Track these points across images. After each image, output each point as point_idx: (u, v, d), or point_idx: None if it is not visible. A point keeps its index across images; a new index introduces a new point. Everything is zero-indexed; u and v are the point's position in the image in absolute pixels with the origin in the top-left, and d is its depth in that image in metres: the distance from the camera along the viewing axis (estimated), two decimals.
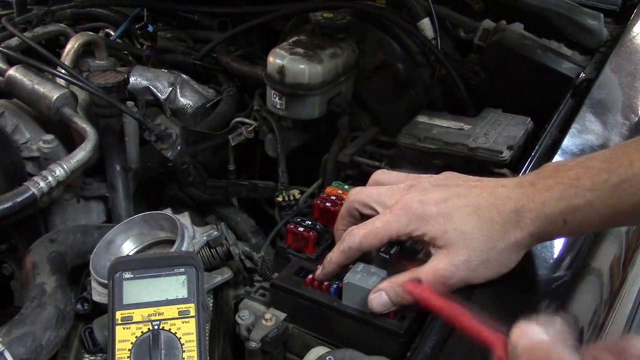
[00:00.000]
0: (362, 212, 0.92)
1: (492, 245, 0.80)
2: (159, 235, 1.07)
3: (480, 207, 0.81)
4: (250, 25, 1.71)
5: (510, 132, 1.31)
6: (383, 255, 0.99)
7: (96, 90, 1.24)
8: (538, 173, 0.83)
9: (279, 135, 1.46)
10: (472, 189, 0.84)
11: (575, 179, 0.78)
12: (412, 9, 1.58)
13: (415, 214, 0.84)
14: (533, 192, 0.79)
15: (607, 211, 0.76)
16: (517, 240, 0.80)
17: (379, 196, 0.90)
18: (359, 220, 0.92)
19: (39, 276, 1.03)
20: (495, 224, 0.80)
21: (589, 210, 0.77)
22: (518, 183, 0.82)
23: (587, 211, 0.77)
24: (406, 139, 1.31)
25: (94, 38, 1.49)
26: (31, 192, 1.13)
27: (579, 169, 0.79)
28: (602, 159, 0.79)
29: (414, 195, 0.85)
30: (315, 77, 1.38)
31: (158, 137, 1.30)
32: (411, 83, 1.56)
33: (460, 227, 0.81)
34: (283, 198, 1.43)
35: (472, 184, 0.86)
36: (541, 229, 0.80)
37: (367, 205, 0.91)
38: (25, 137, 1.28)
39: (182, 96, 1.61)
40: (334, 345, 0.94)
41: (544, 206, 0.78)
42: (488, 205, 0.81)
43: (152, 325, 0.75)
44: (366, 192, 0.92)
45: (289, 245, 1.06)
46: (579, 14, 1.61)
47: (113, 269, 0.79)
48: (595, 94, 1.36)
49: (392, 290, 0.84)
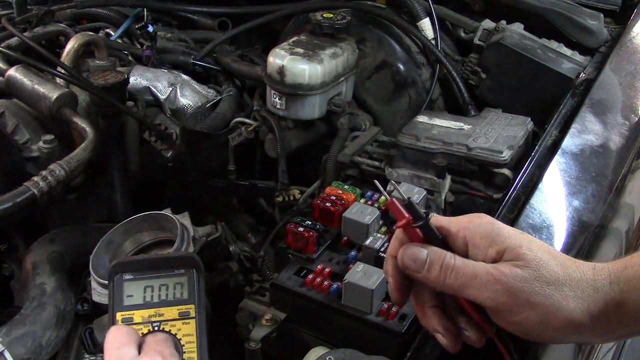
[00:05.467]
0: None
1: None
2: (159, 235, 1.07)
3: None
4: (250, 25, 1.71)
5: (510, 132, 1.31)
6: (383, 256, 0.99)
7: (96, 90, 1.24)
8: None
9: (279, 135, 1.46)
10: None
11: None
12: (412, 9, 1.58)
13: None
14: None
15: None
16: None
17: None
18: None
19: (39, 276, 1.03)
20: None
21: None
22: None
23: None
24: (406, 139, 1.31)
25: (94, 38, 1.49)
26: (31, 192, 1.13)
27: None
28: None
29: None
30: (315, 77, 1.38)
31: (158, 137, 1.30)
32: (411, 83, 1.57)
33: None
34: (283, 198, 1.43)
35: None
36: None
37: None
38: (25, 137, 1.28)
39: (182, 96, 1.60)
40: (334, 345, 0.94)
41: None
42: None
43: (153, 326, 0.75)
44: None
45: (289, 245, 1.06)
46: (579, 14, 1.61)
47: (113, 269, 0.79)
48: (595, 94, 1.36)
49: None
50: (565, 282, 0.72)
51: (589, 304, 0.72)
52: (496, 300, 0.72)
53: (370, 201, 1.14)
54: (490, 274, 0.72)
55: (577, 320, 0.72)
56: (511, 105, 1.46)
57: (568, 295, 0.72)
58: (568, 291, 0.72)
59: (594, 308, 0.72)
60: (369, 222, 1.05)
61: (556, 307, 0.71)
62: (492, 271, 0.72)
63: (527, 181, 1.13)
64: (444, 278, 0.74)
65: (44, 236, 1.13)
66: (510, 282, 0.71)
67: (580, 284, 0.73)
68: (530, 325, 0.72)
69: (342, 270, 1.00)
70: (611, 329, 0.73)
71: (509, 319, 0.73)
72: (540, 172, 1.14)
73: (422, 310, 0.79)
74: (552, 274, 0.72)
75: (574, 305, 0.72)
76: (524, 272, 0.72)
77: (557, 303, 0.71)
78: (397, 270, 0.78)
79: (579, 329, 0.72)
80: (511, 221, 1.02)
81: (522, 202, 1.07)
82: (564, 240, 1.00)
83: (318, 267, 1.01)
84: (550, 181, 1.12)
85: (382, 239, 1.02)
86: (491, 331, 0.76)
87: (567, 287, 0.72)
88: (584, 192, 1.10)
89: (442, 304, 0.78)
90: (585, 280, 0.73)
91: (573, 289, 0.72)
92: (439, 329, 0.77)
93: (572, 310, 0.71)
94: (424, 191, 1.15)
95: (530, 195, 1.07)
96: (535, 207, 1.05)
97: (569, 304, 0.71)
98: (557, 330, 0.72)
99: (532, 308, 0.71)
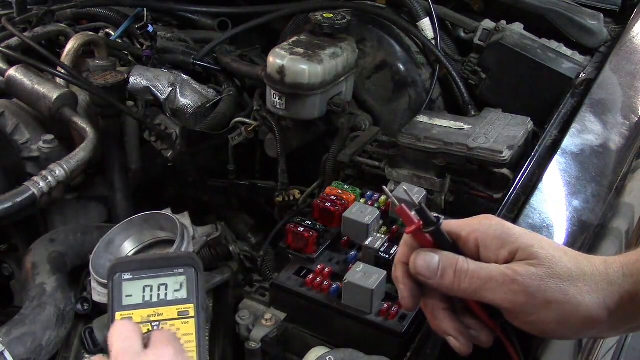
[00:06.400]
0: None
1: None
2: (159, 235, 1.07)
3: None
4: (250, 25, 1.71)
5: (510, 132, 1.31)
6: (383, 255, 0.99)
7: (96, 90, 1.24)
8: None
9: (279, 135, 1.46)
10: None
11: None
12: (412, 9, 1.58)
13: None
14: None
15: None
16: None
17: None
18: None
19: (39, 276, 1.03)
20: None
21: None
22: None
23: None
24: (406, 139, 1.31)
25: (94, 38, 1.49)
26: (31, 192, 1.13)
27: None
28: None
29: None
30: (315, 77, 1.38)
31: (158, 137, 1.30)
32: (411, 83, 1.56)
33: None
34: (283, 198, 1.43)
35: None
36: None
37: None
38: (25, 137, 1.28)
39: (182, 96, 1.61)
40: (334, 345, 0.94)
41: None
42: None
43: (152, 325, 0.75)
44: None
45: (289, 245, 1.06)
46: (579, 14, 1.61)
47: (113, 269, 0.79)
48: (595, 94, 1.36)
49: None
50: (579, 277, 0.72)
51: (604, 298, 0.72)
52: (513, 300, 0.72)
53: (370, 201, 1.14)
54: (506, 275, 0.72)
55: (595, 315, 0.72)
56: (511, 105, 1.46)
57: (583, 290, 0.72)
58: (583, 286, 0.72)
59: (609, 301, 0.72)
60: (369, 222, 1.05)
61: (573, 303, 0.71)
62: (507, 272, 0.72)
63: (527, 181, 1.13)
64: (458, 283, 0.73)
65: (44, 236, 1.13)
66: (526, 281, 0.71)
67: (593, 278, 0.73)
68: (548, 323, 0.72)
69: (342, 270, 1.00)
70: (627, 321, 0.74)
71: (526, 319, 0.73)
72: (540, 172, 1.14)
73: (433, 313, 0.78)
74: (565, 270, 0.72)
75: (590, 299, 0.72)
76: (538, 270, 0.72)
77: (574, 299, 0.71)
78: (408, 277, 0.77)
79: (596, 323, 0.72)
80: (511, 221, 1.01)
81: (522, 202, 1.07)
82: (564, 240, 1.00)
83: (318, 267, 1.01)
84: (550, 181, 1.12)
85: (382, 239, 1.02)
86: (499, 331, 0.76)
87: (581, 282, 0.72)
88: (584, 192, 1.10)
89: (453, 307, 0.78)
90: (598, 274, 0.73)
91: (587, 284, 0.72)
92: (452, 332, 0.76)
93: (588, 305, 0.71)
94: (424, 191, 1.15)
95: (530, 195, 1.07)
96: (535, 207, 1.05)
97: (584, 298, 0.71)
98: (574, 326, 0.72)
99: (549, 305, 0.71)
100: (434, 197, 1.28)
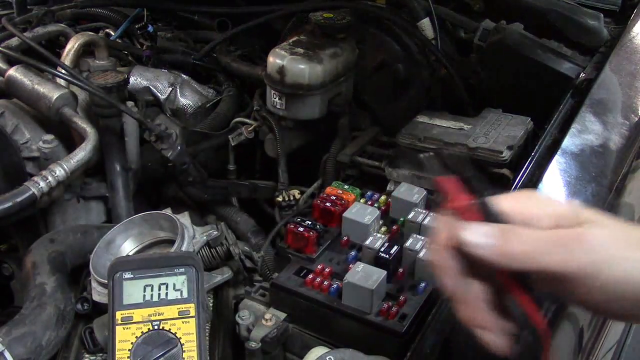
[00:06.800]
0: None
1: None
2: (159, 235, 1.07)
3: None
4: (250, 25, 1.71)
5: (510, 132, 1.31)
6: (383, 255, 0.99)
7: (96, 90, 1.24)
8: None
9: (279, 135, 1.46)
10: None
11: None
12: (412, 9, 1.58)
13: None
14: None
15: None
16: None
17: None
18: None
19: (39, 276, 1.03)
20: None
21: None
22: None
23: None
24: (406, 139, 1.31)
25: (94, 38, 1.49)
26: (31, 192, 1.13)
27: None
28: None
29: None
30: (315, 77, 1.38)
31: (158, 137, 1.30)
32: (411, 83, 1.56)
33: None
34: (283, 198, 1.43)
35: None
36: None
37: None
38: (25, 137, 1.28)
39: (182, 96, 1.61)
40: (334, 345, 0.94)
41: None
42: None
43: (152, 325, 0.75)
44: None
45: (289, 245, 1.06)
46: (579, 14, 1.61)
47: (113, 269, 0.79)
48: (595, 94, 1.36)
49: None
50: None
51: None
52: (580, 260, 0.66)
53: (370, 201, 1.14)
54: (575, 232, 0.67)
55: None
56: (511, 105, 1.46)
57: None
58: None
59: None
60: (369, 222, 1.05)
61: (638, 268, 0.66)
62: (571, 233, 0.67)
63: (527, 181, 1.13)
64: (521, 247, 0.67)
65: (44, 236, 1.13)
66: (593, 240, 0.67)
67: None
68: (609, 291, 0.66)
69: (342, 270, 1.00)
70: None
71: (594, 283, 0.66)
72: (540, 172, 1.14)
73: (473, 303, 0.70)
74: (625, 233, 0.69)
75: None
76: (602, 231, 0.68)
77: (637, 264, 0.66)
78: (454, 258, 0.69)
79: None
80: None
81: None
82: None
83: (318, 267, 1.01)
84: (550, 181, 1.12)
85: (382, 239, 1.02)
86: (542, 321, 0.68)
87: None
88: (584, 192, 1.10)
89: (494, 300, 0.70)
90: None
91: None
92: (491, 325, 0.68)
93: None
94: (424, 191, 1.15)
95: None
96: None
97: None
98: (628, 300, 0.66)
99: (612, 268, 0.66)
100: (434, 197, 1.28)
